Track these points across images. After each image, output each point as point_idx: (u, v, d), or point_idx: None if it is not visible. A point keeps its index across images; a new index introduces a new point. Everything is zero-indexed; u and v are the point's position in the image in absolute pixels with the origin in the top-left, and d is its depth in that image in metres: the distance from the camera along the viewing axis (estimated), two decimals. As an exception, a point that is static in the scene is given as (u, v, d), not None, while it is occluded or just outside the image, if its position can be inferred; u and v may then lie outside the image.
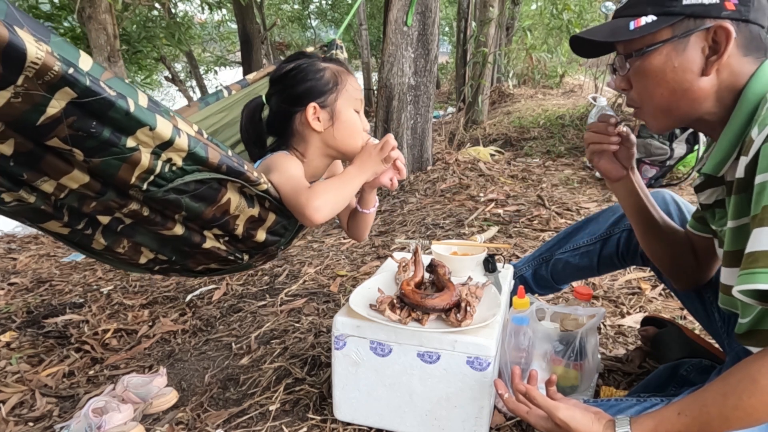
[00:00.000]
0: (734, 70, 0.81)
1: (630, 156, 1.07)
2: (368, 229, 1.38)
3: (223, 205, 1.08)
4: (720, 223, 0.92)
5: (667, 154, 2.97)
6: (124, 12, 4.94)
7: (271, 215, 1.18)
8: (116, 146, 0.85)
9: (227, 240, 1.21)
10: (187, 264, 1.29)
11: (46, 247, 3.35)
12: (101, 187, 0.96)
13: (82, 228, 1.08)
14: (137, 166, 0.90)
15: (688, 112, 0.87)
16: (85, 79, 0.76)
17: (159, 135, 0.88)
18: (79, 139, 0.82)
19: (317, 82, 1.20)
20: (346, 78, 1.23)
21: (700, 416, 0.75)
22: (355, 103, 1.24)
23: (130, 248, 1.17)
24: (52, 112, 0.77)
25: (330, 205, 1.09)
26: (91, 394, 1.50)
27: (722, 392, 0.73)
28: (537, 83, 8.04)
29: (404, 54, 3.38)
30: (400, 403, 1.11)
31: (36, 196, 0.96)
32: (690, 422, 0.76)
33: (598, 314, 1.24)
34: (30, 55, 0.68)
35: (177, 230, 1.11)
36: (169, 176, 0.95)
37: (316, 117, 1.20)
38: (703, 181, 0.94)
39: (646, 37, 0.84)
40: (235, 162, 1.01)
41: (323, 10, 14.00)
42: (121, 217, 1.07)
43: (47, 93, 0.75)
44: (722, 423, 0.73)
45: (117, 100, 0.80)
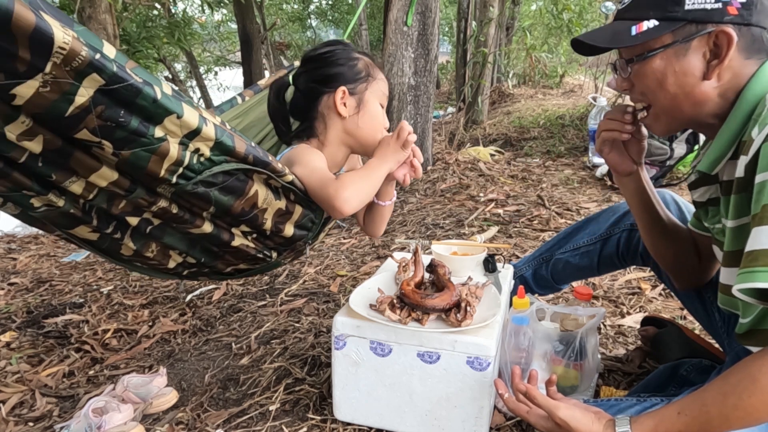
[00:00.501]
0: (736, 72, 0.81)
1: (641, 150, 1.06)
2: (385, 224, 1.37)
3: (251, 197, 1.07)
4: (713, 221, 0.92)
5: (667, 154, 2.97)
6: (124, 12, 4.94)
7: (298, 208, 1.18)
8: (145, 136, 0.85)
9: (255, 237, 1.21)
10: (216, 265, 1.29)
11: (46, 247, 3.35)
12: (130, 184, 0.95)
13: (111, 232, 1.08)
14: (166, 158, 0.89)
15: (690, 115, 0.87)
16: (113, 65, 0.75)
17: (186, 123, 0.87)
18: (108, 129, 0.82)
19: (351, 69, 1.22)
20: (377, 72, 1.25)
21: (700, 416, 0.75)
22: (382, 98, 1.26)
23: (158, 252, 1.17)
24: (80, 101, 0.76)
25: (359, 195, 1.09)
26: (91, 394, 1.50)
27: (722, 392, 0.73)
28: (537, 83, 8.04)
29: (404, 54, 3.38)
30: (400, 403, 1.11)
31: (65, 199, 0.96)
32: (690, 421, 0.76)
33: (598, 314, 1.24)
34: (57, 39, 0.68)
35: (206, 228, 1.11)
36: (197, 168, 0.95)
37: (343, 102, 1.21)
38: (697, 178, 0.94)
39: (648, 42, 0.84)
40: (260, 152, 1.01)
41: (323, 10, 14.01)
42: (149, 218, 1.07)
43: (75, 80, 0.74)
44: (722, 422, 0.73)
45: (144, 87, 0.80)
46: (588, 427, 0.83)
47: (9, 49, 0.67)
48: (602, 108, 3.62)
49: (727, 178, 0.85)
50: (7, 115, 0.77)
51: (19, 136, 0.80)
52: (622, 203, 1.32)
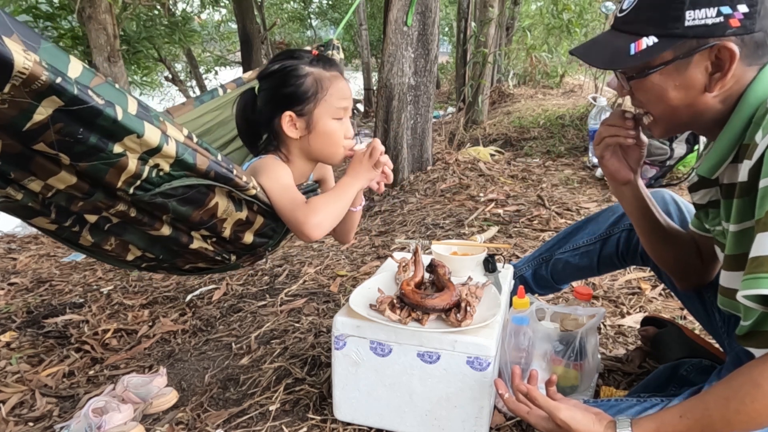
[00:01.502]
0: (738, 79, 0.80)
1: (639, 158, 1.04)
2: (354, 230, 1.39)
3: (211, 208, 1.08)
4: (713, 223, 0.92)
5: (667, 154, 2.97)
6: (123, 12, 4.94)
7: (260, 218, 1.19)
8: (103, 152, 0.86)
9: (215, 241, 1.22)
10: (175, 263, 1.30)
11: (46, 247, 3.35)
12: (89, 188, 0.97)
13: (69, 225, 1.09)
14: (124, 171, 0.91)
15: (690, 122, 0.87)
16: (73, 88, 0.77)
17: (146, 142, 0.89)
18: (65, 144, 0.83)
19: (296, 89, 1.18)
20: (328, 85, 1.20)
21: (702, 419, 0.75)
22: (335, 112, 1.21)
23: (117, 245, 1.18)
24: (39, 119, 0.78)
25: (329, 220, 1.11)
26: (91, 394, 1.50)
27: (725, 396, 0.73)
28: (537, 83, 8.04)
29: (404, 54, 3.38)
30: (400, 403, 1.11)
31: (23, 193, 0.97)
32: (692, 425, 0.75)
33: (598, 314, 1.24)
34: (17, 65, 0.69)
35: (164, 231, 1.12)
36: (156, 181, 0.96)
37: (292, 124, 1.20)
38: (697, 181, 0.94)
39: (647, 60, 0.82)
40: (224, 168, 1.02)
41: (323, 10, 14.00)
42: (108, 216, 1.08)
43: (34, 100, 0.76)
44: (724, 426, 0.73)
45: (105, 108, 0.81)
46: (589, 428, 0.83)
47: None
48: (602, 108, 3.62)
49: (727, 181, 0.85)
50: None
51: None
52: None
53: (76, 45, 5.37)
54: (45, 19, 5.31)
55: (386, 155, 1.19)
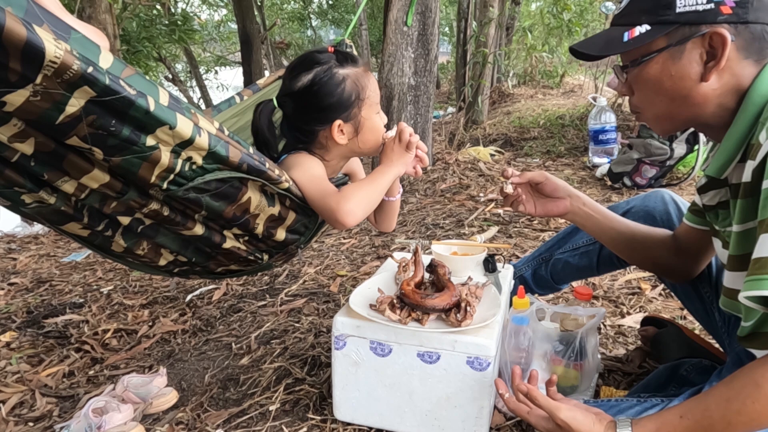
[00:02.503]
0: (736, 72, 0.80)
1: (554, 189, 1.13)
2: (395, 218, 1.37)
3: (244, 203, 1.07)
4: (723, 224, 0.91)
5: (667, 154, 2.97)
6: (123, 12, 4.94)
7: (292, 214, 1.18)
8: (136, 144, 0.85)
9: (247, 240, 1.21)
10: (208, 265, 1.29)
11: (46, 247, 3.35)
12: (122, 187, 0.96)
13: (102, 229, 1.08)
14: (157, 165, 0.90)
15: (690, 117, 0.87)
16: (105, 78, 0.75)
17: (179, 134, 0.87)
18: (98, 137, 0.82)
19: (341, 97, 1.15)
20: (366, 83, 1.19)
21: (703, 420, 0.75)
22: (376, 105, 1.22)
23: (150, 250, 1.17)
24: (71, 111, 0.77)
25: (362, 207, 1.09)
26: (91, 394, 1.50)
27: (725, 397, 0.73)
28: (537, 83, 8.04)
29: (404, 54, 3.38)
30: (400, 403, 1.11)
31: (57, 197, 0.96)
32: (692, 425, 0.75)
33: (598, 314, 1.24)
34: (48, 54, 0.68)
35: (197, 230, 1.11)
36: (189, 175, 0.95)
37: (340, 132, 1.18)
38: (707, 182, 0.93)
39: (642, 47, 0.83)
40: (257, 160, 1.01)
41: (323, 10, 14.01)
42: (141, 218, 1.07)
43: (66, 91, 0.74)
44: (725, 427, 0.73)
45: (137, 98, 0.80)
46: (589, 428, 0.83)
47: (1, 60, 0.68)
48: (602, 108, 3.62)
49: (736, 181, 0.84)
50: None
51: (10, 138, 0.81)
52: (621, 203, 1.32)
53: (76, 45, 5.36)
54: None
55: (417, 136, 1.16)
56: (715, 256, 1.14)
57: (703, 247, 1.08)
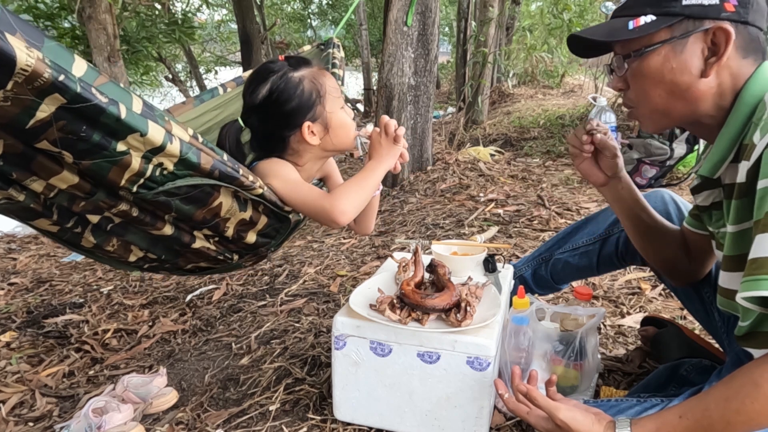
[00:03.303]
0: (734, 71, 0.81)
1: (612, 165, 1.09)
2: (374, 217, 1.36)
3: (214, 208, 1.08)
4: (717, 224, 0.92)
5: (667, 154, 2.97)
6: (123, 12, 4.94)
7: (263, 218, 1.18)
8: (106, 150, 0.86)
9: (217, 240, 1.22)
10: (177, 262, 1.29)
11: (46, 247, 3.35)
12: (91, 188, 0.96)
13: (71, 226, 1.09)
14: (127, 170, 0.91)
15: (685, 114, 0.86)
16: (76, 86, 0.76)
17: (150, 141, 0.88)
18: (68, 142, 0.83)
19: (301, 99, 1.17)
20: (323, 80, 1.20)
21: (702, 420, 0.75)
22: (339, 102, 1.22)
23: (119, 246, 1.18)
24: (41, 116, 0.78)
25: (354, 204, 1.11)
26: (91, 394, 1.50)
27: (725, 396, 0.73)
28: (537, 83, 8.04)
29: (404, 54, 3.38)
30: (400, 403, 1.11)
31: (25, 194, 0.97)
32: (691, 425, 0.75)
33: (598, 314, 1.24)
34: (20, 62, 0.69)
35: (166, 230, 1.12)
36: (159, 180, 0.96)
37: (311, 132, 1.19)
38: (700, 183, 0.94)
39: (645, 37, 0.83)
40: (230, 167, 1.02)
41: (323, 10, 14.00)
42: (110, 217, 1.08)
43: (37, 98, 0.75)
44: (724, 427, 0.73)
45: (108, 106, 0.81)
46: (588, 428, 0.83)
47: None
48: (602, 108, 3.61)
49: (729, 181, 0.85)
50: None
51: None
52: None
53: (76, 45, 5.38)
54: (45, 18, 5.31)
55: (402, 128, 1.16)
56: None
57: (705, 251, 1.08)
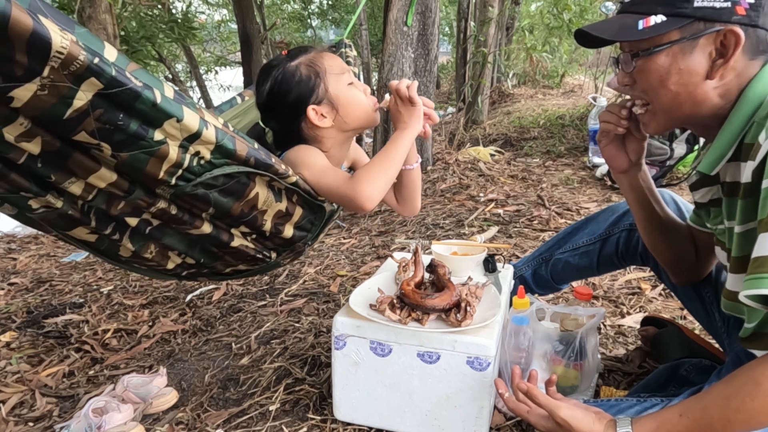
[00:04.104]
0: (739, 73, 0.81)
1: (639, 150, 1.05)
2: (419, 194, 1.32)
3: (252, 199, 1.07)
4: (715, 221, 0.92)
5: (667, 154, 2.97)
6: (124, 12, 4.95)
7: (299, 209, 1.17)
8: (144, 139, 0.85)
9: (255, 238, 1.21)
10: (215, 266, 1.28)
11: (46, 247, 3.35)
12: (129, 186, 0.95)
13: (109, 233, 1.07)
14: (165, 160, 0.89)
15: (688, 114, 0.86)
16: (111, 69, 0.75)
17: (186, 127, 0.87)
18: (106, 132, 0.82)
19: (300, 85, 1.16)
20: (320, 61, 1.19)
21: (702, 418, 0.75)
22: (345, 78, 1.19)
23: (157, 253, 1.17)
24: (79, 105, 0.76)
25: (379, 187, 1.08)
26: (91, 394, 1.50)
27: (725, 395, 0.73)
28: (537, 83, 8.04)
29: (404, 54, 3.38)
30: (400, 403, 1.11)
31: (63, 200, 0.96)
32: (691, 424, 0.75)
33: (598, 314, 1.24)
34: (55, 44, 0.68)
35: (205, 228, 1.11)
36: (197, 170, 0.95)
37: (319, 116, 1.18)
38: (698, 179, 0.94)
39: (654, 37, 0.83)
40: (263, 154, 1.00)
41: (323, 10, 14.01)
42: (148, 219, 1.07)
43: (74, 84, 0.74)
44: (724, 426, 0.73)
45: (143, 90, 0.79)
46: (589, 427, 0.83)
47: (6, 53, 0.67)
48: (602, 108, 3.62)
49: (729, 179, 0.85)
50: (5, 116, 0.77)
51: (17, 138, 0.80)
52: (621, 203, 1.32)
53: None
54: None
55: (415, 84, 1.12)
56: None
57: (710, 249, 1.08)
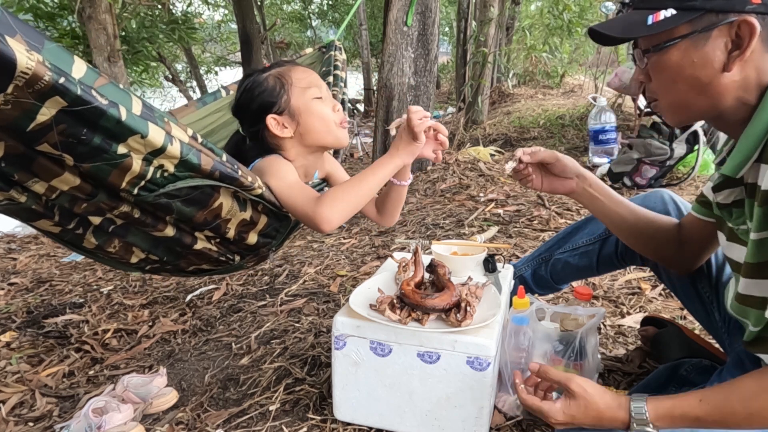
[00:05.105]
0: (759, 65, 0.78)
1: (563, 168, 1.11)
2: (399, 210, 1.32)
3: (215, 209, 1.08)
4: (737, 222, 0.89)
5: (667, 154, 2.97)
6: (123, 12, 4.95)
7: (263, 218, 1.18)
8: (107, 152, 0.86)
9: (218, 241, 1.22)
10: (179, 264, 1.29)
11: (46, 247, 3.35)
12: (92, 189, 0.96)
13: (73, 227, 1.08)
14: (128, 172, 0.90)
15: (707, 108, 0.84)
16: (77, 88, 0.76)
17: (151, 143, 0.88)
18: (69, 145, 0.83)
19: (264, 94, 1.18)
20: (289, 73, 1.20)
21: (723, 407, 0.74)
22: (311, 92, 1.20)
23: (121, 248, 1.18)
24: (42, 119, 0.78)
25: (342, 213, 1.06)
26: (91, 394, 1.50)
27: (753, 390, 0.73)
28: (537, 83, 8.04)
29: (404, 54, 3.38)
30: (400, 403, 1.11)
31: (27, 196, 0.97)
32: (711, 410, 0.75)
33: (598, 314, 1.24)
34: (20, 65, 0.69)
35: (168, 232, 1.12)
36: (160, 182, 0.96)
37: (279, 125, 1.19)
38: (722, 181, 0.90)
39: (665, 32, 0.80)
40: (229, 168, 1.02)
41: (323, 11, 14.01)
42: (112, 218, 1.08)
43: (37, 101, 0.75)
44: (745, 419, 0.72)
45: (108, 108, 0.81)
46: (601, 395, 0.84)
47: None
48: (602, 108, 3.62)
49: (752, 180, 0.82)
50: None
51: None
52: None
53: (76, 45, 5.38)
54: (46, 18, 5.32)
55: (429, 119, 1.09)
56: (716, 254, 1.13)
57: (706, 239, 1.07)
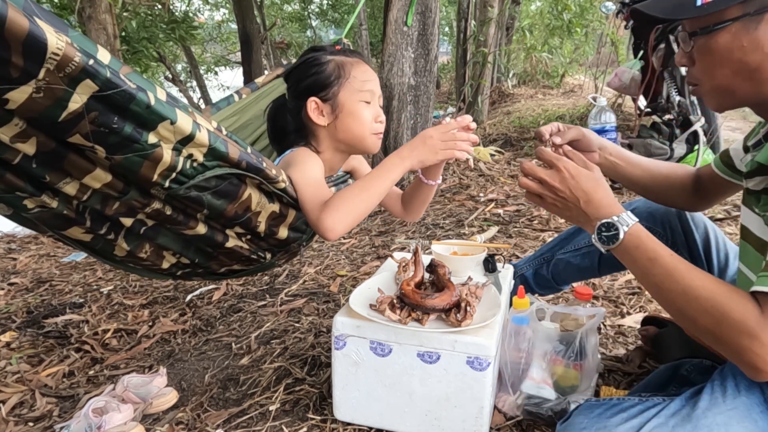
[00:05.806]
0: None
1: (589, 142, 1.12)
2: (427, 205, 1.31)
3: (245, 201, 1.07)
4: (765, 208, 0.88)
5: (667, 154, 2.97)
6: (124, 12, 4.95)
7: (292, 211, 1.17)
8: (138, 142, 0.85)
9: (249, 238, 1.21)
10: (210, 266, 1.28)
11: (46, 247, 3.35)
12: (124, 186, 0.95)
13: (104, 233, 1.07)
14: (159, 163, 0.89)
15: (751, 94, 0.82)
16: (106, 71, 0.75)
17: (180, 129, 0.87)
18: (101, 135, 0.82)
19: (318, 76, 1.18)
20: (351, 68, 1.19)
21: (677, 269, 0.79)
22: (361, 95, 1.18)
23: (152, 252, 1.17)
24: (74, 107, 0.76)
25: (347, 220, 1.02)
26: (91, 394, 1.50)
27: (712, 281, 0.78)
28: (537, 83, 8.04)
29: (404, 54, 3.38)
30: (400, 403, 1.11)
31: (59, 200, 0.96)
32: (669, 263, 0.79)
33: (598, 314, 1.24)
34: (51, 45, 0.67)
35: (200, 229, 1.11)
36: (190, 173, 0.95)
37: (318, 111, 1.18)
38: (755, 168, 0.87)
39: (714, 13, 0.78)
40: (254, 159, 1.01)
41: (323, 11, 14.01)
42: (143, 219, 1.07)
43: (69, 86, 0.74)
44: (680, 293, 0.78)
45: (138, 92, 0.79)
46: (586, 178, 0.89)
47: (2, 54, 0.67)
48: (602, 108, 3.61)
49: None
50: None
51: (12, 138, 0.80)
52: (623, 204, 1.32)
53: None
54: (45, 19, 5.31)
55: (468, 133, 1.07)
56: (718, 255, 1.14)
57: (720, 192, 1.11)
